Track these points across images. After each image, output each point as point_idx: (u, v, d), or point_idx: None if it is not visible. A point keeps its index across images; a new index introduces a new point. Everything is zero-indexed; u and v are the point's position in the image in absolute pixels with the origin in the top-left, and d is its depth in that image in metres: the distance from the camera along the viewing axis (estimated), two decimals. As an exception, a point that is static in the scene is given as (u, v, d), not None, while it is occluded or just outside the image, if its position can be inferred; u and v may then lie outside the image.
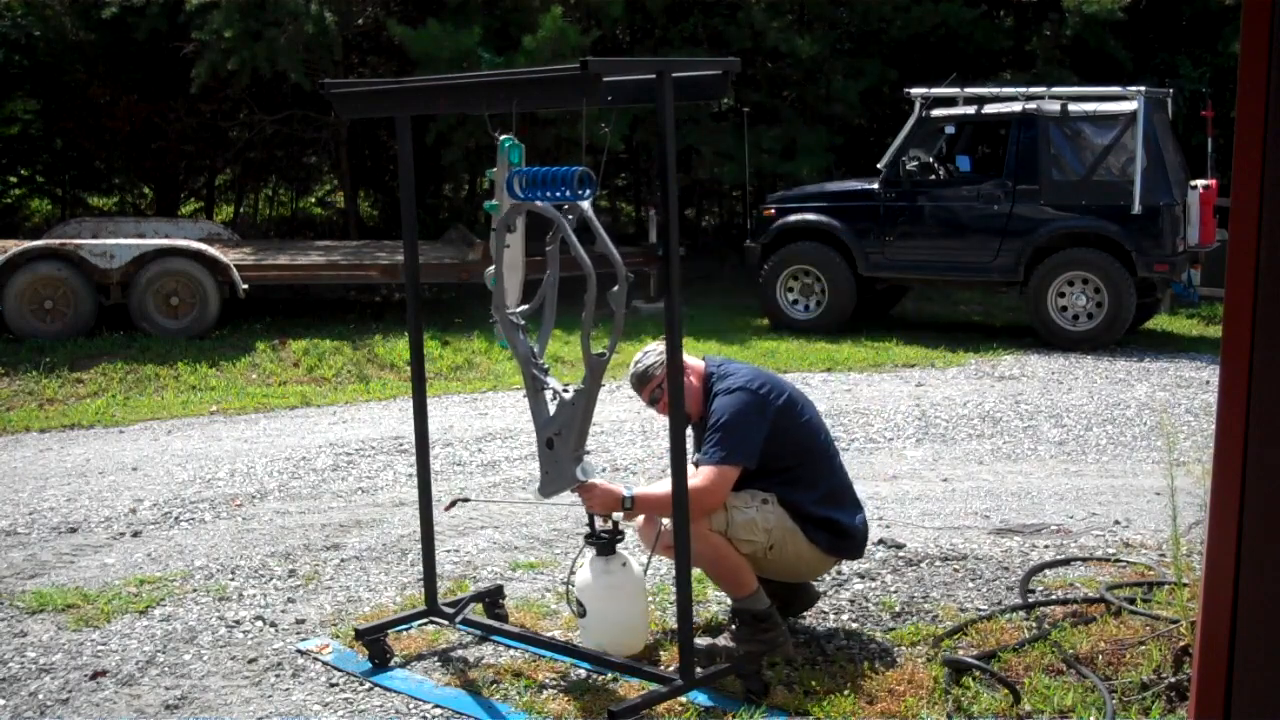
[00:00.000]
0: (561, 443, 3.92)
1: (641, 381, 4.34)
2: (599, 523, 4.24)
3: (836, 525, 4.26)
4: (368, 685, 4.14)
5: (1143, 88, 10.96)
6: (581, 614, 4.23)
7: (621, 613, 4.23)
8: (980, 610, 4.64)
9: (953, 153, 12.07)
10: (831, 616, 4.61)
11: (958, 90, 11.83)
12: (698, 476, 4.02)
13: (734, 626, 4.26)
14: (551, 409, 3.94)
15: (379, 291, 13.88)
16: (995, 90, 12.09)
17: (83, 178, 17.53)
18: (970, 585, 4.96)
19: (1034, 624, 4.46)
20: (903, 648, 4.31)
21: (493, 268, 4.02)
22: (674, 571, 3.95)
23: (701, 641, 4.25)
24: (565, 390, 3.91)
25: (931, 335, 12.07)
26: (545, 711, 3.89)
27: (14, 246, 11.17)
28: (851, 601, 4.78)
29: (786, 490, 4.19)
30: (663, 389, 4.15)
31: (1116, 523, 5.85)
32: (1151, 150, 10.79)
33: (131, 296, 11.14)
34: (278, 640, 4.55)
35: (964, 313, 13.86)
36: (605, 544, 4.21)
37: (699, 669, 3.88)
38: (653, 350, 4.35)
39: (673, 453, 3.75)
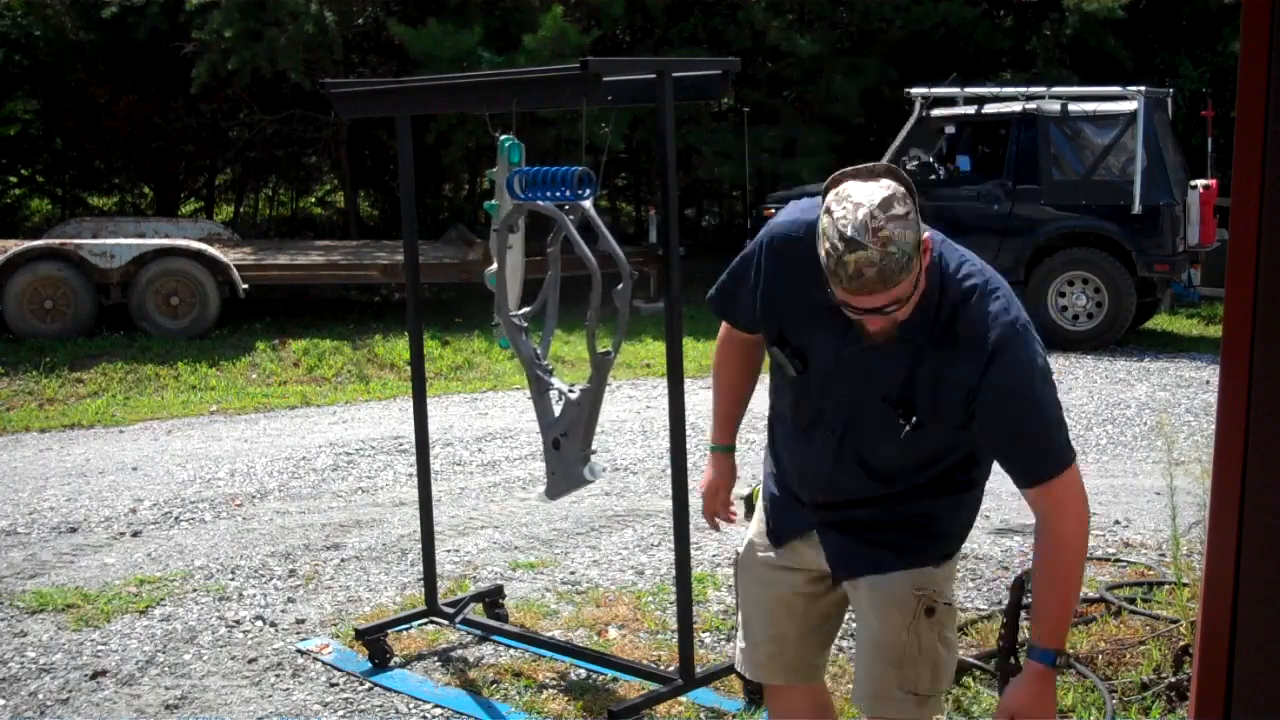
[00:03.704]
0: (568, 443, 3.89)
1: (887, 278, 2.35)
2: None
3: None
4: (368, 685, 4.14)
5: (1143, 88, 10.95)
6: None
7: None
8: (980, 610, 4.64)
9: (953, 153, 12.05)
10: (831, 616, 4.60)
11: (958, 90, 11.82)
12: (1063, 499, 2.56)
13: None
14: (557, 410, 3.92)
15: (379, 291, 13.87)
16: (995, 90, 12.08)
17: (83, 178, 17.51)
18: (970, 585, 4.96)
19: (1034, 624, 4.46)
20: (903, 648, 4.31)
21: (493, 267, 4.01)
22: (674, 571, 3.95)
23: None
24: (571, 390, 3.89)
25: (931, 335, 12.06)
26: (545, 711, 3.89)
27: (14, 246, 11.17)
28: (851, 601, 4.78)
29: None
30: (899, 304, 2.40)
31: (1116, 523, 5.85)
32: (1151, 150, 10.79)
33: (131, 296, 11.13)
34: (278, 640, 4.55)
35: (964, 312, 13.85)
36: None
37: (698, 669, 3.88)
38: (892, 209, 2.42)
39: (673, 451, 3.75)
